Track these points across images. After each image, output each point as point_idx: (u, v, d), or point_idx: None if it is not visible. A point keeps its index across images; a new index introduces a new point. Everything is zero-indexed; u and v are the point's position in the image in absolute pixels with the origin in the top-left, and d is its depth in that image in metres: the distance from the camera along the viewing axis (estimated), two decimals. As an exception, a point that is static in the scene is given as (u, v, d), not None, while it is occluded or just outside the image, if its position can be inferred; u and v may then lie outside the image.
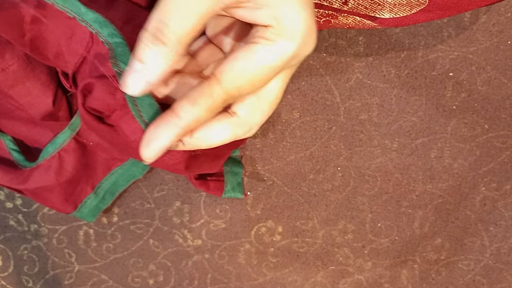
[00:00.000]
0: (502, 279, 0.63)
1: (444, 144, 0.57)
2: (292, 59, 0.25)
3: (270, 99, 0.27)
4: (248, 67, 0.24)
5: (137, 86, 0.24)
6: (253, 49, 0.24)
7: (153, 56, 0.23)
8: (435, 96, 0.55)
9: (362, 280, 0.62)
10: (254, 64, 0.24)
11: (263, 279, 0.62)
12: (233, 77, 0.24)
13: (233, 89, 0.24)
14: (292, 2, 0.23)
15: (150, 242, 0.60)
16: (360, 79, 0.54)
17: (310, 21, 0.24)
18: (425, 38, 0.53)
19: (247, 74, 0.24)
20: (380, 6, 0.35)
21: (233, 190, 0.55)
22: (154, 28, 0.23)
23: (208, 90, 0.24)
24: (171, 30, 0.23)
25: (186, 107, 0.24)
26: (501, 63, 0.54)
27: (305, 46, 0.24)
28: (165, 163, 0.38)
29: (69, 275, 0.61)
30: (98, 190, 0.53)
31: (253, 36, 0.24)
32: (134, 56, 0.24)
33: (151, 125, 0.25)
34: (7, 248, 0.59)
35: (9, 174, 0.47)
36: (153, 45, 0.23)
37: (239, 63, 0.24)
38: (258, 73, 0.24)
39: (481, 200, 0.59)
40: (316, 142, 0.56)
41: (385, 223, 0.60)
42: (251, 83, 0.24)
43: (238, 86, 0.24)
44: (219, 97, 0.24)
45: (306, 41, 0.24)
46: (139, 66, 0.23)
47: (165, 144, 0.24)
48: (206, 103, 0.24)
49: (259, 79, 0.24)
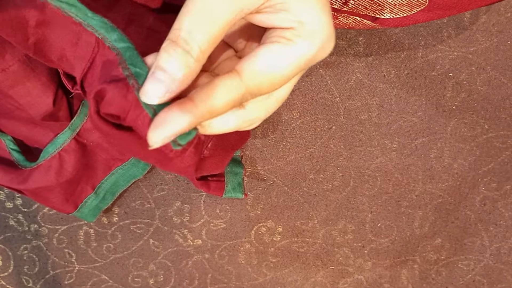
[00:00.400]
0: (502, 279, 0.63)
1: (444, 144, 0.57)
2: (310, 61, 0.25)
3: (279, 97, 0.27)
4: (270, 64, 0.24)
5: (157, 94, 0.23)
6: (275, 48, 0.24)
7: (176, 65, 0.23)
8: (435, 96, 0.55)
9: (362, 280, 0.62)
10: (277, 62, 0.24)
11: (263, 279, 0.62)
12: (254, 73, 0.24)
13: (253, 86, 0.24)
14: (313, 6, 0.24)
15: (150, 242, 0.60)
16: (360, 79, 0.54)
17: (330, 26, 0.24)
18: (425, 38, 0.53)
19: (269, 72, 0.24)
20: (380, 6, 0.35)
21: (234, 190, 0.55)
22: (178, 37, 0.23)
23: (229, 83, 0.24)
24: (195, 39, 0.23)
25: (204, 97, 0.24)
26: (501, 63, 0.54)
27: (323, 49, 0.25)
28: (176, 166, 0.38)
29: (69, 275, 0.61)
30: (99, 190, 0.53)
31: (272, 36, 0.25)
32: (156, 65, 0.23)
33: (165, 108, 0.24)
34: (7, 248, 0.59)
35: (9, 174, 0.47)
36: (176, 54, 0.23)
37: (261, 61, 0.24)
38: (280, 71, 0.24)
39: (481, 200, 0.60)
40: (316, 142, 0.56)
41: (385, 223, 0.60)
42: (271, 82, 0.24)
43: (259, 83, 0.24)
44: (239, 92, 0.24)
45: (325, 45, 0.24)
46: (161, 75, 0.23)
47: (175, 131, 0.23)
48: (225, 96, 0.24)
49: (280, 78, 0.24)
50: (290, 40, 0.24)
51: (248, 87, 0.24)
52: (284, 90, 0.27)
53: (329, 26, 0.24)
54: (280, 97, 0.27)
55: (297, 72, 0.25)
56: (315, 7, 0.23)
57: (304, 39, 0.24)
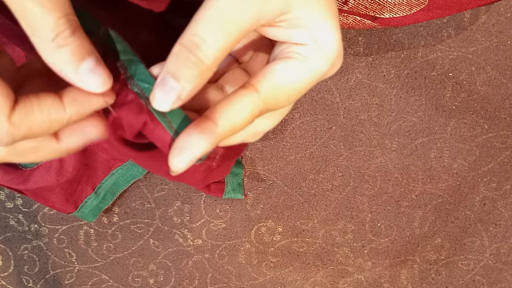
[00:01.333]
0: (502, 279, 0.63)
1: (444, 144, 0.57)
2: (322, 77, 0.25)
3: (283, 111, 0.27)
4: (288, 80, 0.24)
5: (168, 101, 0.23)
6: (292, 64, 0.24)
7: (188, 72, 0.22)
8: (435, 96, 0.55)
9: (362, 279, 0.62)
10: (293, 77, 0.24)
11: (263, 279, 0.62)
12: (272, 89, 0.24)
13: (271, 101, 0.24)
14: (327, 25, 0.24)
15: (150, 242, 0.60)
16: (360, 79, 0.54)
17: (340, 44, 0.25)
18: (425, 38, 0.53)
19: (286, 87, 0.24)
20: (380, 6, 0.35)
21: (234, 191, 0.55)
22: (191, 43, 0.22)
23: (248, 99, 0.23)
24: (210, 47, 0.22)
25: (226, 116, 0.23)
26: (500, 63, 0.54)
27: (333, 66, 0.25)
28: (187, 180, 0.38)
29: (69, 275, 0.61)
30: (99, 190, 0.53)
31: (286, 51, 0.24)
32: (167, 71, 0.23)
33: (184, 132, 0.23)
34: (7, 248, 0.59)
35: (9, 175, 0.47)
36: (188, 61, 0.22)
37: (279, 76, 0.24)
38: (296, 86, 0.24)
39: (481, 200, 0.60)
40: (316, 142, 0.56)
41: (385, 223, 0.60)
42: (288, 96, 0.24)
43: (276, 98, 0.24)
44: (258, 106, 0.24)
45: (336, 62, 0.25)
46: (172, 82, 0.22)
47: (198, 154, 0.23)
48: (245, 112, 0.23)
49: (296, 92, 0.24)
50: (305, 56, 0.24)
51: (265, 102, 0.24)
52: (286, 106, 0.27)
53: (340, 44, 0.24)
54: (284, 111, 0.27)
55: (310, 86, 0.25)
56: (330, 26, 0.24)
57: (318, 56, 0.24)
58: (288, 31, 0.24)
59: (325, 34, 0.24)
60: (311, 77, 0.24)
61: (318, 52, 0.24)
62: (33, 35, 0.21)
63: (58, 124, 0.23)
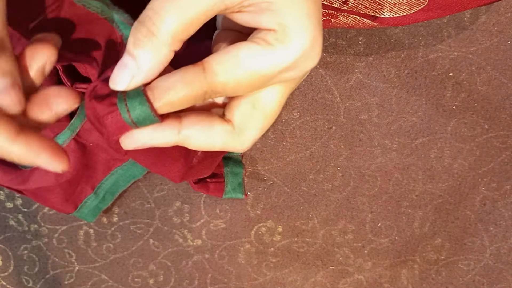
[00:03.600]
0: (502, 279, 0.63)
1: (444, 144, 0.57)
2: (288, 70, 0.23)
3: (266, 111, 0.25)
4: (239, 64, 0.22)
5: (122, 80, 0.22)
6: (249, 48, 0.22)
7: (141, 48, 0.22)
8: (435, 96, 0.55)
9: (362, 280, 0.62)
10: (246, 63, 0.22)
11: (263, 279, 0.62)
12: (220, 70, 0.22)
13: (217, 83, 0.23)
14: (298, 10, 0.22)
15: (150, 242, 0.60)
16: (360, 79, 0.54)
17: (315, 33, 0.22)
18: (425, 38, 0.53)
19: (236, 72, 0.22)
20: (380, 5, 0.35)
21: (234, 191, 0.55)
22: (147, 18, 0.21)
23: (191, 77, 0.22)
24: (163, 21, 0.21)
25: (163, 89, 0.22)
26: (501, 63, 0.54)
27: (305, 59, 0.23)
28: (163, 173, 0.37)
29: (69, 275, 0.61)
30: (98, 191, 0.53)
31: (253, 36, 0.23)
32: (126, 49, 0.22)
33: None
34: (7, 248, 0.59)
35: (9, 175, 0.47)
36: (143, 37, 0.22)
37: (230, 58, 0.22)
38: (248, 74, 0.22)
39: (481, 200, 0.60)
40: (316, 142, 0.56)
41: (385, 223, 0.60)
42: (237, 83, 0.23)
43: (223, 81, 0.23)
44: (201, 87, 0.23)
45: (307, 54, 0.23)
46: (128, 60, 0.22)
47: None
48: (185, 91, 0.22)
49: (248, 82, 0.23)
50: (269, 43, 0.22)
51: (211, 85, 0.23)
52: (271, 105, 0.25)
53: (313, 34, 0.22)
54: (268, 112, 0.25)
55: (269, 79, 0.23)
56: (301, 11, 0.22)
57: (284, 45, 0.22)
58: (256, 15, 0.22)
59: (294, 20, 0.22)
60: (271, 67, 0.22)
61: (284, 40, 0.22)
62: None
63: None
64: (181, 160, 0.37)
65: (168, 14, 0.21)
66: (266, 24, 0.22)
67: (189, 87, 0.22)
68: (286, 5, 0.22)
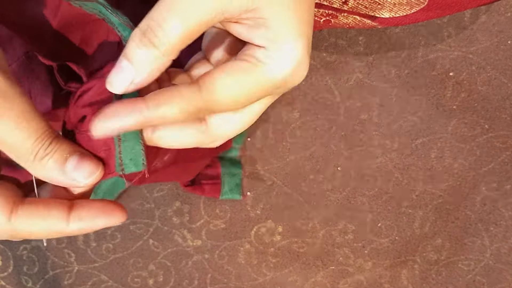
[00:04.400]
0: (502, 279, 0.63)
1: (444, 144, 0.57)
2: (278, 86, 0.23)
3: (245, 118, 0.25)
4: (233, 83, 0.23)
5: (120, 84, 0.23)
6: (241, 66, 0.23)
7: (141, 56, 0.22)
8: (435, 96, 0.55)
9: (362, 280, 0.62)
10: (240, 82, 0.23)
11: (263, 279, 0.62)
12: (214, 89, 0.23)
13: (211, 101, 0.23)
14: (291, 28, 0.22)
15: (150, 242, 0.60)
16: (360, 79, 0.54)
17: (304, 51, 0.23)
18: (425, 38, 0.53)
19: (230, 90, 0.23)
20: (380, 5, 0.35)
21: (231, 192, 0.55)
22: (147, 27, 0.22)
23: (186, 93, 0.23)
24: (164, 32, 0.22)
25: (158, 101, 0.22)
26: (501, 63, 0.54)
27: (294, 75, 0.23)
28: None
29: (68, 275, 0.61)
30: (98, 191, 0.53)
31: (243, 53, 0.23)
32: (124, 53, 0.23)
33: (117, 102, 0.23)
34: (6, 248, 0.59)
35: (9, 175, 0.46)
36: (142, 45, 0.22)
37: (224, 77, 0.23)
38: (242, 92, 0.23)
39: (481, 200, 0.59)
40: (316, 142, 0.56)
41: (385, 223, 0.60)
42: (232, 101, 0.23)
43: (217, 100, 0.23)
44: (195, 104, 0.23)
45: (296, 71, 0.23)
46: (126, 65, 0.22)
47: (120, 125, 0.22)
48: (180, 105, 0.23)
49: (242, 99, 0.23)
50: (259, 61, 0.23)
51: (206, 101, 0.23)
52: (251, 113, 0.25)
53: (303, 52, 0.23)
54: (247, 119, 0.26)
55: (262, 95, 0.24)
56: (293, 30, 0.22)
57: (273, 62, 0.23)
58: (251, 30, 0.23)
59: (284, 37, 0.22)
60: (262, 84, 0.23)
61: (274, 57, 0.23)
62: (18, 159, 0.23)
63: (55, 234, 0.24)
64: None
65: (169, 25, 0.21)
66: (257, 40, 0.23)
67: (184, 103, 0.23)
68: (280, 22, 0.22)
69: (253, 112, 0.26)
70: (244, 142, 0.56)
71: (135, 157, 0.24)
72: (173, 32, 0.22)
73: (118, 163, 0.24)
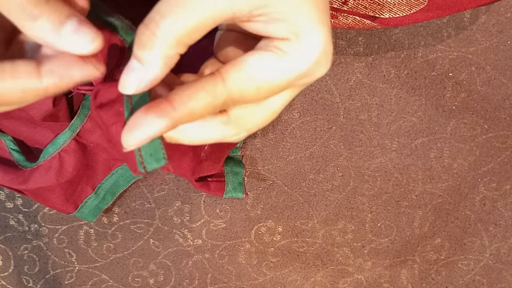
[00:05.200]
0: (502, 279, 0.63)
1: (444, 144, 0.57)
2: (303, 77, 0.23)
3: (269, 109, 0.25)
4: (257, 74, 0.22)
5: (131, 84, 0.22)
6: (266, 56, 0.22)
7: (148, 51, 0.21)
8: (435, 96, 0.55)
9: (362, 279, 0.62)
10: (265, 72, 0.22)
11: (263, 279, 0.62)
12: (239, 79, 0.22)
13: (236, 92, 0.23)
14: (310, 18, 0.22)
15: (150, 242, 0.60)
16: (360, 79, 0.54)
17: (328, 41, 0.23)
18: (425, 38, 0.53)
19: (255, 81, 0.22)
20: (380, 6, 0.35)
21: (234, 190, 0.55)
22: (152, 22, 0.21)
23: (210, 85, 0.22)
24: (170, 25, 0.21)
25: (184, 100, 0.22)
26: (500, 63, 0.54)
27: (318, 65, 0.23)
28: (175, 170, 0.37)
29: (69, 275, 0.61)
30: (99, 190, 0.53)
31: (266, 45, 0.23)
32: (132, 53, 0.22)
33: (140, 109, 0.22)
34: (7, 248, 0.59)
35: (9, 175, 0.47)
36: (148, 40, 0.21)
37: (249, 68, 0.22)
38: (268, 82, 0.22)
39: (481, 200, 0.60)
40: (316, 142, 0.56)
41: (385, 223, 0.60)
42: (256, 92, 0.23)
43: (242, 89, 0.23)
44: (221, 96, 0.22)
45: (321, 61, 0.23)
46: (134, 64, 0.22)
47: (150, 134, 0.22)
48: (206, 99, 0.22)
49: (267, 89, 0.23)
50: (284, 51, 0.22)
51: (231, 92, 0.23)
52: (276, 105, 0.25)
53: (326, 41, 0.23)
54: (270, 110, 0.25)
55: (287, 85, 0.23)
56: (313, 20, 0.22)
57: (298, 52, 0.22)
58: (268, 25, 0.22)
59: (307, 28, 0.22)
60: (288, 74, 0.23)
61: (299, 48, 0.22)
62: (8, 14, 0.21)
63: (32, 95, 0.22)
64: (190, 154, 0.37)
65: (173, 17, 0.21)
66: (279, 33, 0.22)
67: (210, 95, 0.22)
68: (297, 15, 0.22)
69: (276, 104, 0.25)
70: (244, 142, 0.56)
71: (155, 151, 0.23)
72: (177, 24, 0.21)
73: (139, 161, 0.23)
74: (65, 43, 0.21)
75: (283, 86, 0.23)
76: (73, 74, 0.22)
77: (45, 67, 0.22)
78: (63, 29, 0.21)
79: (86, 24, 0.22)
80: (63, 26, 0.21)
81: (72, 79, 0.22)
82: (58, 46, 0.21)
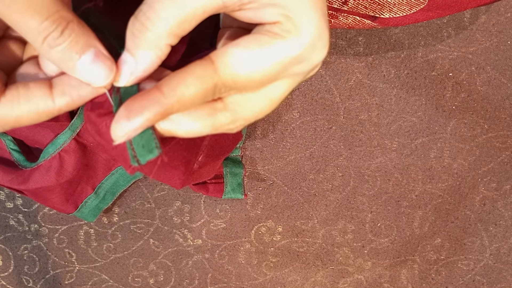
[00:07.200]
0: (502, 279, 0.63)
1: (444, 144, 0.57)
2: (298, 62, 0.23)
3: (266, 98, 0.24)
4: (249, 57, 0.22)
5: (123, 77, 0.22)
6: (257, 39, 0.22)
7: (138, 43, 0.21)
8: (435, 96, 0.55)
9: (362, 279, 0.62)
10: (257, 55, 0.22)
11: (263, 279, 0.62)
12: (230, 62, 0.22)
13: (228, 76, 0.22)
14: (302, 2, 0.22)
15: (150, 242, 0.60)
16: (360, 79, 0.54)
17: (321, 23, 0.22)
18: (425, 38, 0.53)
19: (247, 63, 0.22)
20: (380, 5, 0.35)
21: (233, 191, 0.55)
22: (141, 13, 0.21)
23: (200, 69, 0.22)
24: (159, 16, 0.21)
25: (173, 84, 0.21)
26: (500, 63, 0.54)
27: (313, 49, 0.22)
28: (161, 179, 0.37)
29: (69, 275, 0.61)
30: (99, 190, 0.53)
31: (258, 30, 0.22)
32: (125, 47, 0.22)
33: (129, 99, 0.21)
34: (7, 248, 0.59)
35: (9, 175, 0.47)
36: (138, 32, 0.21)
37: (239, 50, 0.22)
38: (259, 66, 0.22)
39: (481, 200, 0.60)
40: (316, 142, 0.56)
41: (385, 223, 0.60)
42: (249, 76, 0.22)
43: (234, 74, 0.22)
44: (211, 80, 0.22)
45: (315, 44, 0.22)
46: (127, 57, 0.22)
47: (140, 123, 0.21)
48: (195, 84, 0.21)
49: (260, 73, 0.22)
50: (276, 34, 0.22)
51: (222, 78, 0.22)
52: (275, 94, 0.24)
53: (319, 24, 0.22)
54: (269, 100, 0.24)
55: (281, 71, 0.23)
56: (305, 3, 0.22)
57: (290, 35, 0.22)
58: (259, 11, 0.22)
59: (299, 11, 0.22)
60: (281, 58, 0.22)
61: (291, 29, 0.22)
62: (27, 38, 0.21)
63: (46, 115, 0.23)
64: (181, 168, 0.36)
65: (162, 8, 0.21)
66: (270, 18, 0.22)
67: (200, 80, 0.22)
68: None
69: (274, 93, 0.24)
70: (244, 142, 0.56)
71: (147, 142, 0.22)
72: (166, 15, 0.21)
73: (132, 155, 0.23)
74: (80, 74, 0.22)
75: (277, 71, 0.23)
76: (83, 94, 0.23)
77: (56, 89, 0.23)
78: (80, 60, 0.21)
79: (103, 57, 0.22)
80: (81, 57, 0.21)
81: (82, 99, 0.23)
82: (73, 74, 0.22)
